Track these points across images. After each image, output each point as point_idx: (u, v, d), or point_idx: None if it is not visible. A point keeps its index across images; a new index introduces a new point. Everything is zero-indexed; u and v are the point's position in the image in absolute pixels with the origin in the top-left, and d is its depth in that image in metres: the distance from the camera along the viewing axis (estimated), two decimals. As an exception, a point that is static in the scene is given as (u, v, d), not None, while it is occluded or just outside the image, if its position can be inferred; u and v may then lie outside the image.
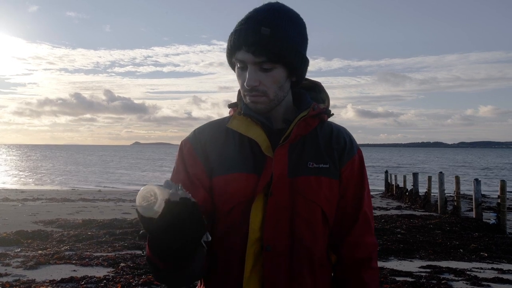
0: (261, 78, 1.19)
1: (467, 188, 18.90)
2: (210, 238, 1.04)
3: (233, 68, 1.29)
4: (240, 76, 1.23)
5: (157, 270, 1.08)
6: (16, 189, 22.55)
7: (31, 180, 33.34)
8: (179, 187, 1.00)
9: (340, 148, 1.29)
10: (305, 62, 1.24)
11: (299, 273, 1.21)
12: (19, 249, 7.37)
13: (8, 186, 26.48)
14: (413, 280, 5.96)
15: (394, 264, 7.08)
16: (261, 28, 1.16)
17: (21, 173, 41.31)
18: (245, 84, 1.19)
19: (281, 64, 1.18)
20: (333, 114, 1.32)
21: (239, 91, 1.33)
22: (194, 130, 1.32)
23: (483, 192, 14.51)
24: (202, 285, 1.29)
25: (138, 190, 1.00)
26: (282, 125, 1.27)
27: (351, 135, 1.35)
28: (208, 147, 1.27)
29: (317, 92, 1.36)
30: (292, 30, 1.19)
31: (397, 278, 6.04)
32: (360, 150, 1.34)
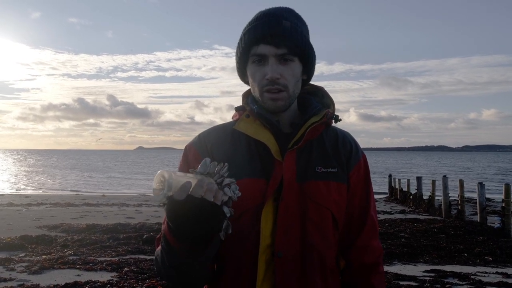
0: (282, 71, 1.19)
1: (472, 193, 18.82)
2: (230, 231, 1.04)
3: (241, 71, 1.28)
4: (258, 72, 1.21)
5: (170, 250, 1.06)
6: (20, 194, 22.61)
7: (35, 185, 33.44)
8: (223, 170, 1.01)
9: (347, 152, 1.29)
10: (315, 59, 1.28)
11: (312, 279, 1.19)
12: (23, 254, 7.39)
13: (12, 191, 26.58)
14: (417, 284, 5.94)
15: (398, 268, 7.05)
16: (283, 21, 1.19)
17: (25, 178, 41.44)
18: (267, 76, 1.18)
19: (298, 58, 1.21)
20: (340, 120, 1.32)
21: (243, 95, 1.33)
22: (199, 135, 1.31)
23: (487, 196, 14.43)
24: None
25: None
26: (289, 129, 1.26)
27: (355, 139, 1.35)
28: (214, 151, 1.26)
29: (320, 97, 1.36)
30: (305, 28, 1.24)
31: (401, 282, 6.02)
32: (364, 154, 1.34)
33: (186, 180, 0.95)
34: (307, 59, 1.23)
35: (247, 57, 1.23)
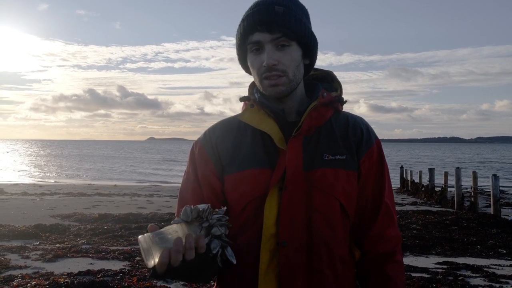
0: (279, 57, 1.17)
1: (485, 184, 18.59)
2: (234, 261, 1.08)
3: (242, 61, 1.27)
4: (255, 61, 1.20)
5: None
6: (35, 184, 22.96)
7: (48, 174, 33.90)
8: (206, 212, 1.03)
9: (357, 138, 1.24)
10: (316, 43, 1.24)
11: (318, 269, 1.16)
12: (37, 242, 7.51)
13: (26, 180, 26.99)
14: (429, 276, 5.89)
15: (410, 260, 7.01)
16: (275, 6, 1.17)
17: (39, 168, 42.02)
18: (264, 63, 1.17)
19: (296, 42, 1.19)
20: (346, 101, 1.28)
21: (250, 86, 1.31)
22: (205, 131, 1.31)
23: (501, 188, 14.25)
24: (216, 284, 1.26)
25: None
26: (296, 117, 1.24)
27: (369, 124, 1.30)
28: (219, 146, 1.25)
29: (329, 81, 1.34)
30: (302, 13, 1.22)
31: (413, 274, 5.98)
32: (379, 140, 1.29)
33: (164, 247, 0.96)
34: (305, 42, 1.20)
35: (245, 48, 1.22)
